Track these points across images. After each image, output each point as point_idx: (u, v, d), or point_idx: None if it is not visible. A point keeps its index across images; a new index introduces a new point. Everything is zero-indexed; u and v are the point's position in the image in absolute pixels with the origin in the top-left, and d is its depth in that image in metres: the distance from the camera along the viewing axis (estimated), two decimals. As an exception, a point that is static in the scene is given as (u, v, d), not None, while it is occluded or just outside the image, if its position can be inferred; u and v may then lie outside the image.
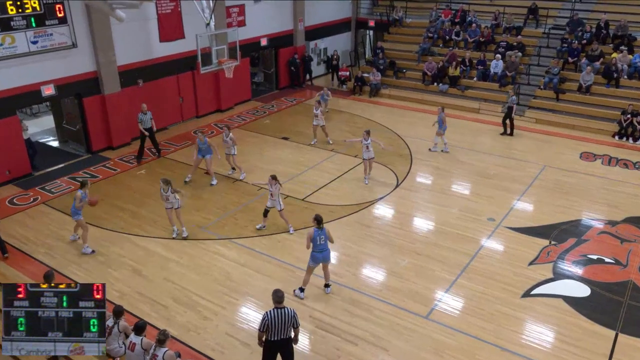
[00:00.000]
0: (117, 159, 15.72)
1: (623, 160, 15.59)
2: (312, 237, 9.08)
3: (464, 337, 8.57)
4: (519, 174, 14.56)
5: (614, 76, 18.70)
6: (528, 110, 19.24)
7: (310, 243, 9.13)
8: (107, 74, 15.58)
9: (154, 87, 17.19)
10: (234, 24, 19.16)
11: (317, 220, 9.15)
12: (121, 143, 16.47)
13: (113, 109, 15.95)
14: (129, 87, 16.37)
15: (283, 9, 22.13)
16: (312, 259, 9.30)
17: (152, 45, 16.79)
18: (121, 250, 11.05)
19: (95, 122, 15.78)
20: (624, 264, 10.53)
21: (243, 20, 20.00)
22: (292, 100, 21.61)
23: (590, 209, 12.81)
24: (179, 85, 18.18)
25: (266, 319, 7.00)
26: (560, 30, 21.29)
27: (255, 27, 20.61)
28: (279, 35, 22.20)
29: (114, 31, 15.37)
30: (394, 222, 12.33)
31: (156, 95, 17.14)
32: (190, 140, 16.99)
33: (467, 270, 10.29)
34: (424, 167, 15.14)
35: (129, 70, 16.35)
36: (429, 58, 21.95)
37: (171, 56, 17.46)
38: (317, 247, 9.14)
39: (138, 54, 16.58)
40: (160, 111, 16.57)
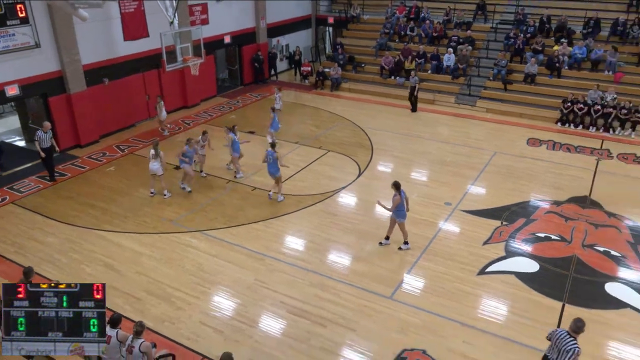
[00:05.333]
0: (86, 156, 15.25)
1: (566, 145, 16.12)
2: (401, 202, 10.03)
3: (426, 314, 8.74)
4: (472, 161, 14.88)
5: (555, 67, 19.27)
6: (479, 100, 19.63)
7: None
8: (71, 73, 15.04)
9: (120, 86, 16.71)
10: (197, 23, 18.82)
11: (396, 185, 10.01)
12: (89, 141, 15.97)
13: (79, 107, 15.43)
14: (94, 85, 15.86)
15: (245, 7, 21.84)
16: (402, 216, 10.19)
17: (117, 44, 16.31)
18: (93, 246, 10.76)
19: (61, 121, 15.22)
20: (568, 240, 10.92)
21: (206, 18, 19.65)
22: (256, 96, 21.41)
23: (537, 191, 13.20)
24: (145, 83, 17.74)
25: None
26: (507, 25, 21.75)
27: (218, 25, 20.27)
28: (241, 32, 21.92)
29: (77, 30, 14.84)
30: (358, 209, 12.42)
31: (122, 94, 16.70)
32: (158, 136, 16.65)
33: (427, 252, 10.48)
34: (384, 157, 15.29)
35: (94, 69, 15.83)
36: (386, 53, 22.12)
37: (136, 54, 17.00)
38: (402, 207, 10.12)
39: (103, 53, 16.06)
40: (127, 109, 16.18)
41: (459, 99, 19.94)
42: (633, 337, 8.26)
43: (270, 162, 12.04)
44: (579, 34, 20.28)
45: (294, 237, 11.18)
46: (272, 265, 10.06)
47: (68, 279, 9.45)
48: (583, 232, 11.14)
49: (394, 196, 10.01)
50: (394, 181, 10.16)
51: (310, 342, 8.09)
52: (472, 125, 18.01)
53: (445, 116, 18.88)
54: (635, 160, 15.01)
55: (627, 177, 13.98)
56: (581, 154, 15.46)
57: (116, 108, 16.55)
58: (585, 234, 11.10)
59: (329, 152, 15.44)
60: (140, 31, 16.17)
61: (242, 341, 8.11)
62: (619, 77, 18.44)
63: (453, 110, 19.45)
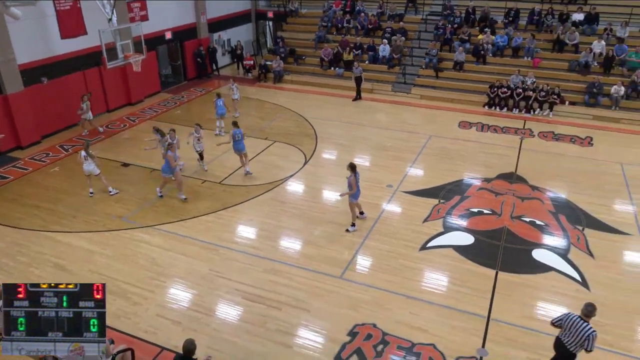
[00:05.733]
0: (28, 158, 14.38)
1: (493, 126, 16.82)
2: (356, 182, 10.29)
3: (374, 291, 8.93)
4: (410, 145, 15.24)
5: (481, 54, 19.99)
6: (414, 87, 20.07)
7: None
8: (7, 73, 14.05)
9: (59, 85, 15.81)
10: (136, 19, 18.05)
11: (352, 166, 10.28)
12: (31, 142, 15.06)
13: (17, 108, 14.49)
14: (32, 85, 14.93)
15: (185, 3, 21.16)
16: (355, 197, 10.44)
17: (54, 42, 15.39)
18: (42, 248, 10.21)
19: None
20: (498, 213, 11.44)
21: (146, 14, 18.88)
22: (201, 90, 20.90)
23: (469, 169, 13.71)
24: (86, 81, 16.87)
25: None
26: (436, 16, 22.29)
27: (158, 21, 19.54)
28: (183, 28, 21.24)
29: (10, 29, 13.84)
30: (306, 196, 12.46)
31: (63, 92, 15.82)
32: (103, 135, 15.97)
33: (372, 232, 10.68)
34: (328, 144, 15.38)
35: (32, 68, 14.87)
36: (325, 45, 22.16)
37: (75, 52, 16.12)
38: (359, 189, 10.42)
39: (39, 52, 15.10)
40: (69, 108, 15.34)
41: (395, 87, 20.32)
42: (557, 296, 8.81)
43: (238, 140, 12.62)
44: (500, 24, 21.11)
45: (245, 226, 11.09)
46: (226, 255, 9.95)
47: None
48: (511, 205, 11.71)
49: (349, 177, 10.21)
50: (350, 163, 10.39)
51: (266, 326, 8.09)
52: (409, 111, 18.42)
53: (383, 104, 19.19)
54: (554, 137, 15.90)
55: (547, 153, 14.79)
56: (507, 134, 16.18)
57: (57, 107, 15.67)
58: (513, 206, 11.67)
59: (275, 143, 15.36)
60: (78, 29, 15.33)
61: (200, 330, 8.00)
62: (537, 62, 19.39)
63: (390, 98, 19.81)
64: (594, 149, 15.10)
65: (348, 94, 19.98)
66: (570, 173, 13.48)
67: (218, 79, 22.69)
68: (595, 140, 15.64)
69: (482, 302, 8.62)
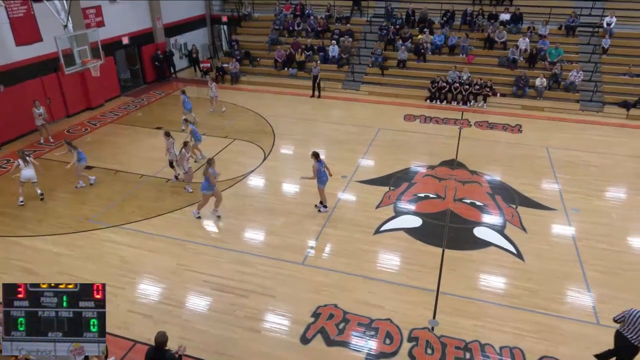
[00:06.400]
0: (-12, 165, 13.56)
1: (435, 118, 17.24)
2: (318, 168, 10.46)
3: (335, 274, 9.02)
4: (361, 138, 15.40)
5: (421, 53, 20.40)
6: (362, 85, 20.26)
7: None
8: (-39, 81, 13.17)
9: (17, 91, 14.91)
10: (92, 25, 17.23)
11: (315, 155, 10.53)
12: (-10, 149, 14.21)
13: (-26, 116, 13.60)
14: (-11, 93, 14.04)
15: (140, 9, 20.40)
16: (321, 182, 10.69)
17: (9, 49, 14.48)
18: (8, 253, 9.65)
19: (-45, 131, 13.36)
20: (442, 197, 11.77)
21: (102, 20, 18.05)
22: (160, 93, 20.28)
23: (415, 158, 14.00)
24: (44, 87, 16.00)
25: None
26: (379, 18, 22.53)
27: (115, 26, 18.75)
28: (139, 33, 20.49)
29: (-38, 37, 12.96)
30: (266, 189, 12.39)
31: (21, 99, 14.94)
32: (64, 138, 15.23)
33: (330, 220, 10.76)
34: (285, 140, 15.30)
35: (-14, 76, 13.99)
36: (278, 47, 21.97)
37: (32, 59, 15.24)
38: (322, 173, 10.64)
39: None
40: (27, 114, 14.51)
41: (345, 85, 20.45)
42: (497, 268, 9.20)
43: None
44: (438, 24, 21.58)
45: (210, 221, 10.90)
46: (193, 249, 9.76)
47: (-16, 289, 8.44)
48: (453, 189, 12.08)
49: (313, 165, 10.49)
50: (313, 151, 10.68)
51: (235, 313, 8.03)
52: (358, 107, 18.59)
53: (335, 101, 19.27)
54: (488, 126, 16.49)
55: (483, 140, 15.33)
56: (447, 124, 16.64)
57: (16, 114, 14.79)
58: (455, 190, 12.04)
59: (235, 141, 15.14)
60: (33, 35, 14.44)
61: (171, 322, 7.84)
62: (471, 59, 20.00)
63: (341, 94, 19.92)
64: (523, 135, 15.78)
65: (302, 92, 19.95)
66: (504, 158, 14.05)
67: (176, 81, 22.08)
68: (524, 128, 16.35)
69: (431, 278, 8.89)
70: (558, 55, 18.87)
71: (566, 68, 18.67)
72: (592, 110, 17.70)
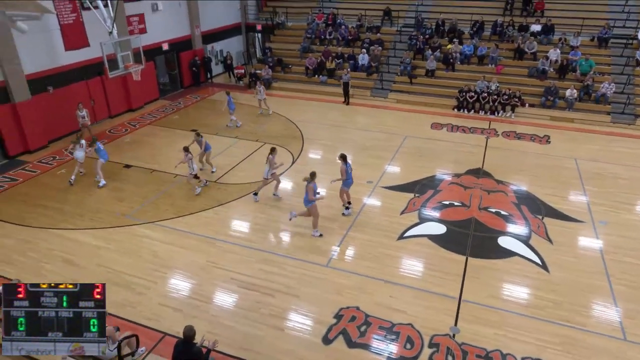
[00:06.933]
0: (36, 161, 14.12)
1: (461, 127, 16.97)
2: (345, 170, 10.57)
3: (357, 277, 8.98)
4: (387, 144, 15.31)
5: (450, 62, 20.15)
6: (390, 93, 20.15)
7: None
8: (15, 83, 13.78)
9: (65, 93, 15.54)
10: (135, 32, 17.80)
11: (343, 157, 10.63)
12: (39, 146, 14.80)
13: (25, 115, 14.22)
14: (40, 94, 14.66)
15: (180, 17, 20.94)
16: (346, 185, 10.79)
17: (59, 53, 15.10)
18: (51, 244, 10.04)
19: (8, 129, 13.98)
20: (468, 205, 11.56)
21: (144, 28, 18.63)
22: (196, 97, 20.71)
23: (441, 166, 13.81)
24: (89, 90, 16.61)
25: None
26: (409, 28, 22.39)
27: (156, 33, 19.31)
28: (178, 40, 21.02)
29: (17, 42, 13.57)
30: (294, 192, 12.45)
31: (68, 100, 15.54)
32: (106, 139, 15.74)
33: (355, 224, 10.72)
34: (313, 145, 15.36)
35: (38, 78, 14.62)
36: (310, 55, 22.11)
37: (79, 63, 15.86)
38: (349, 175, 10.68)
39: (45, 63, 14.83)
40: (73, 115, 15.07)
41: (374, 93, 20.38)
42: (521, 278, 8.96)
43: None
44: (467, 34, 21.28)
45: (239, 220, 11.04)
46: (222, 247, 9.91)
47: (29, 277, 8.80)
48: (479, 198, 11.85)
49: (340, 167, 10.59)
50: (341, 153, 10.77)
51: (260, 311, 8.09)
52: (386, 114, 18.49)
53: (363, 108, 19.23)
54: (516, 136, 16.11)
55: (510, 150, 14.99)
56: (474, 133, 16.35)
57: (63, 114, 15.40)
58: (480, 199, 11.81)
59: (265, 144, 15.30)
60: (81, 41, 15.03)
61: (199, 316, 7.96)
62: (500, 69, 19.62)
63: (369, 102, 19.86)
64: (552, 146, 15.35)
65: (331, 99, 20.01)
66: (531, 168, 13.69)
67: (211, 86, 22.50)
68: (553, 138, 15.90)
69: (454, 285, 8.73)
70: (589, 66, 18.29)
71: (598, 80, 18.07)
72: (623, 122, 17.06)
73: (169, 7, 19.95)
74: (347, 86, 19.31)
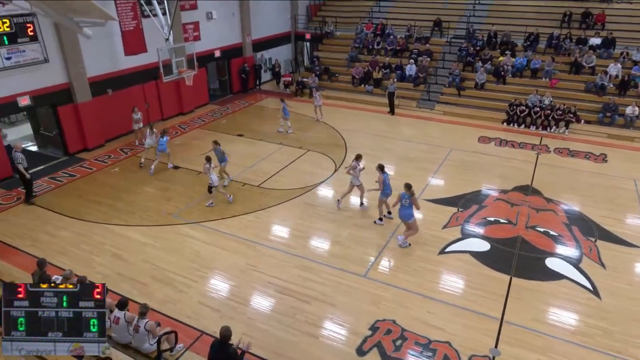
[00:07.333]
0: (93, 159, 14.96)
1: (511, 141, 16.44)
2: (383, 180, 10.67)
3: (394, 289, 8.86)
4: (432, 156, 15.06)
5: (501, 75, 19.60)
6: (437, 104, 19.84)
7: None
8: (78, 85, 14.72)
9: (122, 95, 16.42)
10: (190, 39, 18.56)
11: (380, 167, 10.75)
12: (96, 145, 15.68)
13: (86, 115, 15.14)
14: (99, 95, 15.57)
15: (233, 25, 21.63)
16: (384, 194, 10.78)
17: (119, 58, 15.99)
18: (102, 239, 10.59)
19: (70, 127, 14.93)
20: (514, 223, 11.16)
21: (198, 35, 19.39)
22: (244, 103, 21.25)
23: (487, 181, 13.43)
24: (144, 93, 17.46)
25: None
26: (459, 39, 22.01)
27: (209, 40, 20.03)
28: (230, 47, 21.70)
29: (82, 47, 14.52)
30: (335, 200, 12.46)
31: (125, 102, 16.40)
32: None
33: (395, 236, 10.59)
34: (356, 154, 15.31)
35: (99, 81, 15.53)
36: (356, 64, 22.19)
37: (136, 67, 16.71)
38: (387, 185, 10.78)
39: (106, 67, 15.75)
40: (129, 116, 15.86)
41: (420, 104, 20.14)
42: (568, 303, 8.52)
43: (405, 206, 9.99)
44: (520, 47, 20.65)
45: (280, 226, 11.19)
46: (262, 251, 10.07)
47: (80, 269, 9.30)
48: (526, 216, 11.41)
49: (379, 176, 10.69)
50: (379, 164, 10.89)
51: (296, 317, 8.14)
52: (432, 126, 18.21)
53: (408, 119, 19.04)
54: (569, 153, 15.41)
55: (562, 168, 14.35)
56: (524, 149, 15.79)
57: (119, 115, 16.24)
58: (528, 217, 11.37)
59: (309, 152, 15.46)
60: (140, 47, 15.84)
61: (236, 318, 8.11)
62: (554, 83, 18.87)
63: (415, 113, 19.64)
64: (608, 165, 14.56)
65: (376, 108, 19.95)
66: (584, 187, 13.04)
67: (259, 93, 23.02)
68: (610, 157, 15.08)
69: (496, 305, 8.43)
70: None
71: (662, 97, 17.01)
72: (690, 143, 15.94)
73: (223, 16, 20.67)
74: (393, 96, 19.22)
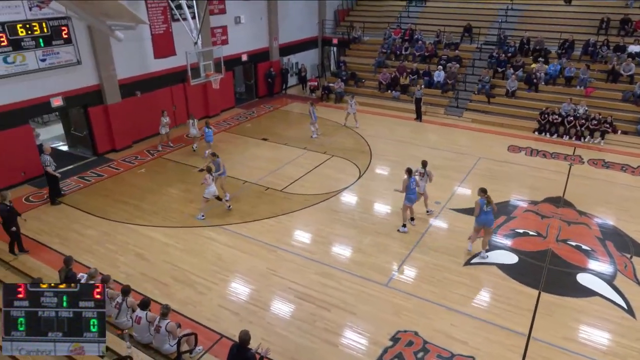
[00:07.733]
0: (121, 159, 15.31)
1: (542, 151, 15.99)
2: (408, 184, 10.49)
3: (417, 300, 8.69)
4: (459, 165, 14.79)
5: (533, 82, 19.14)
6: (465, 112, 19.51)
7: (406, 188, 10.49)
8: (108, 86, 15.12)
9: (150, 98, 16.76)
10: (218, 43, 18.82)
11: (408, 171, 10.54)
12: (124, 145, 16.04)
13: (115, 116, 15.52)
14: (128, 97, 15.95)
15: (260, 29, 21.86)
16: (408, 200, 10.62)
17: (148, 61, 16.36)
18: (127, 238, 10.79)
19: (99, 128, 15.33)
20: (544, 235, 10.82)
21: (226, 39, 19.67)
22: (269, 107, 21.40)
23: (516, 191, 13.09)
24: (172, 95, 17.79)
25: None
26: (490, 46, 21.62)
27: (236, 45, 20.29)
28: (257, 51, 21.92)
29: (113, 49, 14.91)
30: (358, 207, 12.37)
31: (153, 104, 16.73)
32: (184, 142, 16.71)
33: (419, 245, 10.42)
34: (381, 161, 15.22)
35: (128, 83, 15.90)
36: (384, 69, 22.06)
37: (165, 70, 17.05)
38: (412, 191, 10.58)
39: (136, 69, 16.13)
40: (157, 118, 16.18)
41: (448, 111, 19.85)
42: (601, 321, 8.18)
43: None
44: (554, 54, 20.14)
45: (301, 231, 11.16)
46: (282, 256, 10.05)
47: (105, 268, 9.48)
48: (557, 229, 11.05)
49: (404, 179, 10.58)
50: (407, 167, 10.76)
51: (315, 324, 8.07)
52: (459, 133, 17.91)
53: (435, 125, 18.78)
54: (604, 165, 14.87)
55: (596, 180, 13.85)
56: (556, 159, 15.33)
57: (147, 117, 16.57)
58: (559, 230, 11.00)
59: (333, 157, 15.41)
60: (169, 50, 16.18)
61: (255, 322, 8.10)
62: (590, 91, 18.29)
63: (442, 120, 19.36)
64: (646, 178, 13.98)
65: (403, 114, 19.77)
66: (620, 201, 12.54)
67: (285, 97, 23.15)
68: (648, 170, 14.49)
69: (523, 320, 8.15)
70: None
71: None
72: None
73: (250, 20, 20.92)
74: (419, 102, 19.01)
